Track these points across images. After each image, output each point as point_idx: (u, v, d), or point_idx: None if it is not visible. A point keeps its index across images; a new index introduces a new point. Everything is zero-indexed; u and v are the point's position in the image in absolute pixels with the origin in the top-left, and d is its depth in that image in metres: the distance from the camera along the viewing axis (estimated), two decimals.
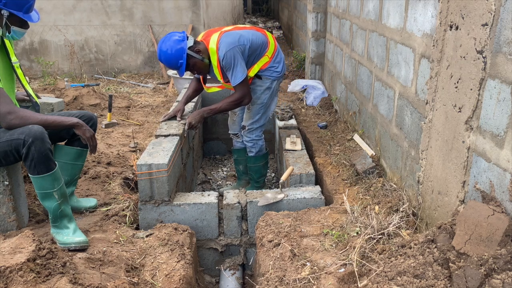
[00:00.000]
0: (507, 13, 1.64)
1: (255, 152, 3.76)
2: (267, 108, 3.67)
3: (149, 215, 2.91)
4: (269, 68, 3.52)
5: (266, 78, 3.56)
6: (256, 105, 3.61)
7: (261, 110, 3.64)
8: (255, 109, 3.63)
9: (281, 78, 3.69)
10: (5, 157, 2.38)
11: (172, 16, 7.69)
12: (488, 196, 1.78)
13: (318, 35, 5.65)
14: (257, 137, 3.74)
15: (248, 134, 3.72)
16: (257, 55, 3.46)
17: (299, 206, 2.96)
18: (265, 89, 3.57)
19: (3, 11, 2.34)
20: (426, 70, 2.46)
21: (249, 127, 3.69)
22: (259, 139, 3.76)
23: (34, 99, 2.70)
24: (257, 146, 3.76)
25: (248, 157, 3.83)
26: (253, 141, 3.73)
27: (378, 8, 3.37)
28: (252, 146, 3.75)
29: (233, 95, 3.45)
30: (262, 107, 3.62)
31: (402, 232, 2.26)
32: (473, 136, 1.89)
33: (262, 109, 3.63)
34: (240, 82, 3.30)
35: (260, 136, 3.77)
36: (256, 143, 3.74)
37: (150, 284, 2.25)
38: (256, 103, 3.60)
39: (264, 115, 3.69)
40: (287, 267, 2.21)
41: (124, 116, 5.14)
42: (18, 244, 2.14)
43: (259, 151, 3.78)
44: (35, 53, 7.70)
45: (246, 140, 3.75)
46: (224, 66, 3.29)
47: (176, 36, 3.21)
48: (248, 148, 3.79)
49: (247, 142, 3.76)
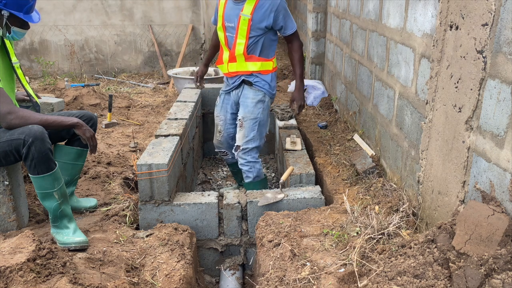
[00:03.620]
0: (507, 13, 1.64)
1: (253, 178, 3.36)
2: (262, 125, 3.33)
3: (149, 215, 2.91)
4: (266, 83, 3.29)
5: (259, 90, 3.28)
6: (250, 120, 3.27)
7: (255, 127, 3.28)
8: (249, 125, 3.28)
9: (272, 99, 3.43)
10: (5, 157, 2.39)
11: (172, 16, 7.70)
12: (488, 196, 1.78)
13: (318, 35, 5.65)
14: (253, 159, 3.34)
15: (243, 155, 3.32)
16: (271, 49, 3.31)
17: (299, 206, 2.96)
18: (257, 101, 3.28)
19: (3, 12, 2.34)
20: (426, 70, 2.46)
21: (243, 147, 3.31)
22: (256, 161, 3.35)
23: (34, 99, 2.71)
24: (255, 170, 3.35)
25: (245, 184, 3.42)
26: (249, 163, 3.33)
27: (378, 8, 3.37)
28: (249, 170, 3.34)
29: (296, 49, 3.31)
30: (256, 122, 3.28)
31: (402, 232, 2.26)
32: (473, 136, 1.89)
33: (256, 125, 3.28)
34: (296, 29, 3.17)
35: (257, 159, 3.37)
36: (253, 166, 3.33)
37: (150, 284, 2.25)
38: (249, 118, 3.27)
39: (259, 133, 3.32)
40: (287, 267, 2.21)
41: (124, 116, 5.14)
42: (18, 244, 2.14)
43: (257, 176, 3.38)
44: (35, 53, 7.70)
45: (241, 163, 3.35)
46: (278, 10, 3.08)
47: None
48: (244, 172, 3.38)
49: (242, 166, 3.35)
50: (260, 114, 3.30)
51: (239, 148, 3.35)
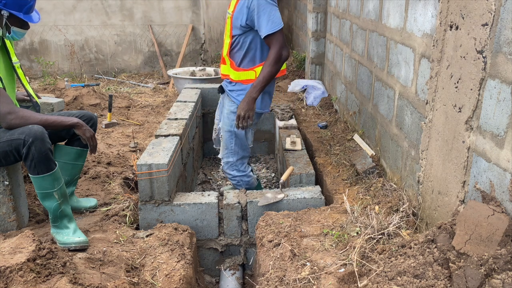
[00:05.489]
0: (507, 13, 1.64)
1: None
2: (241, 138, 3.04)
3: (149, 215, 2.91)
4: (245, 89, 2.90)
5: (232, 100, 2.97)
6: (225, 132, 3.03)
7: (231, 140, 3.01)
8: (225, 138, 3.07)
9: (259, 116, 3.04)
10: (5, 157, 2.39)
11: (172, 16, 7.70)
12: (488, 196, 1.78)
13: (318, 35, 5.65)
14: (240, 173, 3.11)
15: (227, 170, 3.12)
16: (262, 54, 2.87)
17: (299, 206, 2.96)
18: (230, 112, 3.01)
19: (3, 12, 2.34)
20: (426, 70, 2.46)
21: (224, 161, 3.11)
22: (242, 174, 3.10)
23: (34, 99, 2.71)
24: (243, 183, 3.11)
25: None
26: (235, 178, 3.12)
27: (378, 8, 3.37)
28: (237, 184, 3.15)
29: (270, 53, 2.70)
30: (232, 135, 3.01)
31: (402, 232, 2.26)
32: (473, 136, 1.89)
33: (232, 137, 3.01)
34: (279, 29, 2.60)
35: (244, 171, 3.11)
36: (240, 180, 3.11)
37: (150, 284, 2.25)
38: (224, 129, 3.04)
39: (239, 146, 3.05)
40: (287, 267, 2.21)
41: (124, 116, 5.14)
42: (18, 244, 2.14)
43: (248, 188, 3.19)
44: (35, 53, 7.70)
45: (229, 177, 3.15)
46: (251, 5, 2.61)
47: None
48: (234, 185, 3.20)
49: (231, 179, 3.15)
50: (233, 126, 2.95)
51: (222, 161, 3.16)
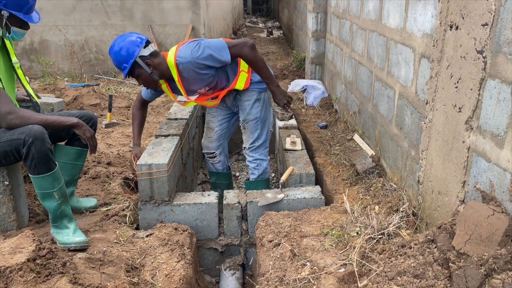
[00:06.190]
0: (507, 13, 1.64)
1: (258, 175, 3.37)
2: (264, 122, 3.32)
3: (149, 215, 2.91)
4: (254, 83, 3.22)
5: (251, 90, 3.23)
6: (250, 121, 3.28)
7: (258, 126, 3.28)
8: (251, 126, 3.29)
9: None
10: (5, 157, 2.38)
11: (172, 16, 7.69)
12: (488, 196, 1.78)
13: (318, 35, 5.65)
14: (261, 156, 3.33)
15: (250, 153, 3.34)
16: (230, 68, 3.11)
17: (299, 206, 2.96)
18: (253, 102, 3.25)
19: (3, 12, 2.34)
20: (426, 70, 2.46)
21: (250, 146, 3.34)
22: (263, 159, 3.35)
23: (34, 99, 2.71)
24: (261, 168, 3.35)
25: (247, 183, 3.44)
26: (256, 161, 3.34)
27: (378, 8, 3.37)
28: (255, 167, 3.35)
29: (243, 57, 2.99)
30: (258, 122, 3.28)
31: (402, 232, 2.26)
32: (473, 136, 1.89)
33: (258, 124, 3.28)
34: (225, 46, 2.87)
35: (265, 156, 3.35)
36: (260, 164, 3.34)
37: (150, 284, 2.25)
38: (250, 119, 3.27)
39: (264, 130, 3.33)
40: (287, 267, 2.21)
41: (124, 116, 5.14)
42: (18, 244, 2.14)
43: (262, 174, 3.38)
44: (35, 53, 7.69)
45: (249, 160, 3.36)
46: (197, 59, 2.84)
47: (134, 38, 2.80)
48: (250, 170, 3.39)
49: (249, 163, 3.37)
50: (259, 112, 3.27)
51: (246, 148, 3.37)
